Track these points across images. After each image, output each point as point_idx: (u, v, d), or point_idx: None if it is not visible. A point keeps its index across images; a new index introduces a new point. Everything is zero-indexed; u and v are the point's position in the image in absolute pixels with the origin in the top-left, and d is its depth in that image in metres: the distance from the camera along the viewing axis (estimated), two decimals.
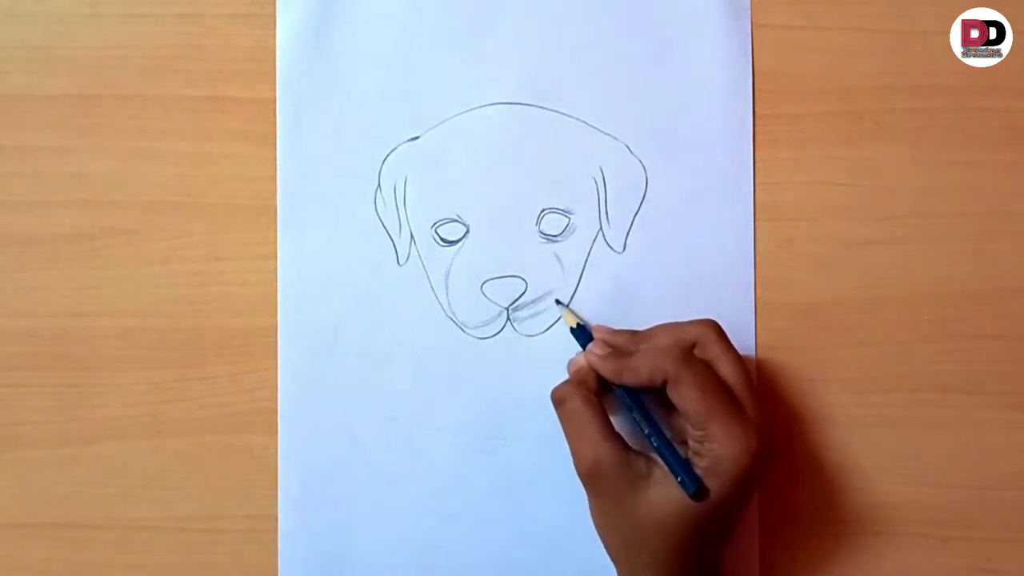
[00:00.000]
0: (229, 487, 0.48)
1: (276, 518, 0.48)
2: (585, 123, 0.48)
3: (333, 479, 0.48)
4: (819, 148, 0.49)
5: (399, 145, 0.48)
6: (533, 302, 0.48)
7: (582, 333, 0.46)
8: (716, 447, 0.40)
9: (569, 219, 0.48)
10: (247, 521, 0.48)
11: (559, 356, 0.48)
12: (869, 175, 0.49)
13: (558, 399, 0.44)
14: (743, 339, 0.48)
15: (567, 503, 0.48)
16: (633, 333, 0.45)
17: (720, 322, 0.44)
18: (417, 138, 0.48)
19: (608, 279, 0.48)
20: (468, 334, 0.48)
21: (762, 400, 0.48)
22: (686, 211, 0.48)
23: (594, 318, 0.48)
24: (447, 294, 0.48)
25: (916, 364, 0.48)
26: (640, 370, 0.42)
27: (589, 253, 0.48)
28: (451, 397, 0.48)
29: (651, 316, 0.47)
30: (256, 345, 0.48)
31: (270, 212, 0.48)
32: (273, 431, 0.48)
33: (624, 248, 0.48)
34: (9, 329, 0.48)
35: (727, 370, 0.43)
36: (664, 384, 0.42)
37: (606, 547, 0.44)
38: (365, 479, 0.48)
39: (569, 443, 0.43)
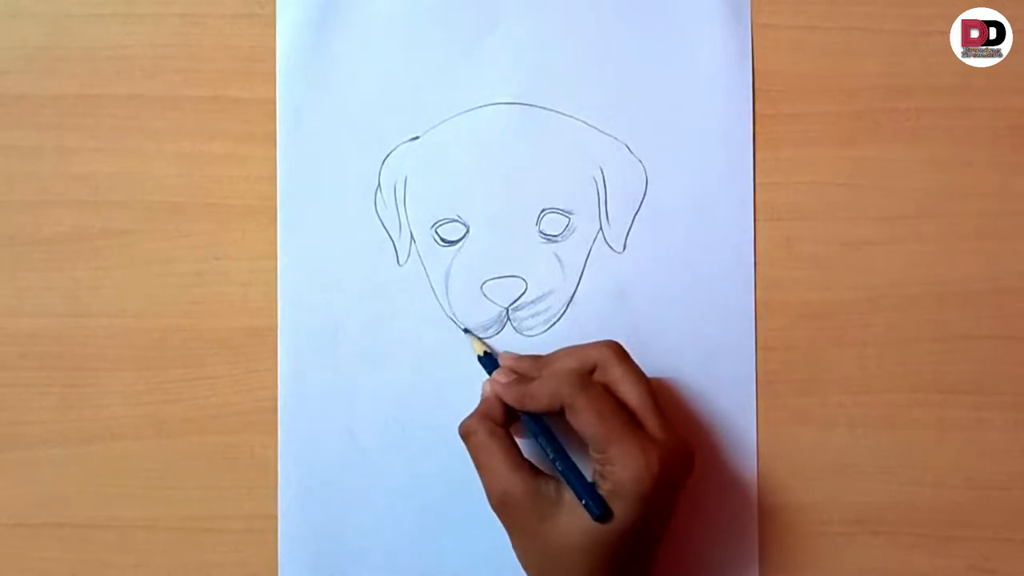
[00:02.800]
0: (229, 487, 0.48)
1: (276, 518, 0.48)
2: (585, 123, 0.48)
3: (333, 479, 0.48)
4: (819, 148, 0.49)
5: (399, 145, 0.48)
6: (533, 302, 0.48)
7: (488, 361, 0.46)
8: (616, 470, 0.40)
9: (569, 219, 0.48)
10: (247, 521, 0.48)
11: None
12: (869, 175, 0.49)
13: (464, 433, 0.44)
14: (743, 339, 0.48)
15: None
16: (536, 358, 0.45)
17: (720, 322, 0.44)
18: (417, 138, 0.48)
19: (608, 279, 0.48)
20: (468, 334, 0.48)
21: (761, 400, 0.48)
22: (686, 211, 0.48)
23: (594, 318, 0.48)
24: (447, 294, 0.48)
25: (916, 364, 0.48)
26: (539, 397, 0.42)
27: (589, 253, 0.48)
28: (451, 397, 0.48)
29: (651, 316, 0.47)
30: (256, 345, 0.48)
31: (270, 212, 0.48)
32: (273, 431, 0.48)
33: (624, 248, 0.48)
34: (9, 329, 0.48)
35: (629, 391, 0.42)
36: (563, 409, 0.42)
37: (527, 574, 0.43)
38: (365, 479, 0.48)
39: (480, 476, 0.43)
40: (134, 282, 0.48)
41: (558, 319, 0.48)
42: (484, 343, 0.47)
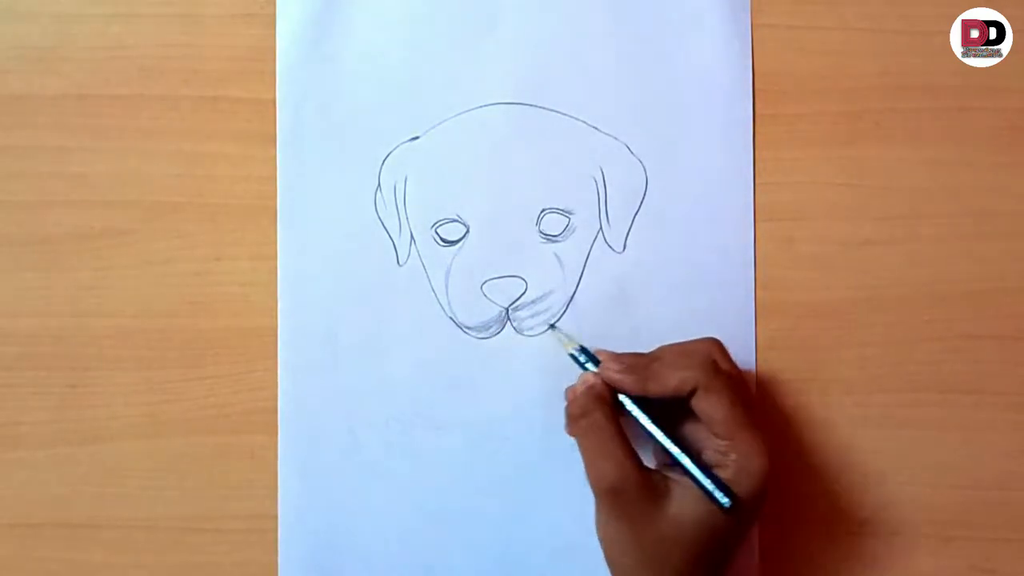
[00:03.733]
0: (229, 487, 0.48)
1: (276, 518, 0.48)
2: (585, 123, 0.48)
3: (333, 479, 0.48)
4: (819, 148, 0.49)
5: (399, 145, 0.48)
6: (533, 302, 0.48)
7: (584, 355, 0.45)
8: (740, 458, 0.40)
9: (569, 219, 0.48)
10: (247, 521, 0.48)
11: (559, 356, 0.47)
12: (869, 175, 0.49)
13: (579, 412, 0.43)
14: (743, 339, 0.48)
15: (566, 503, 0.48)
16: (637, 354, 0.44)
17: (720, 322, 0.44)
18: (417, 138, 0.48)
19: (608, 279, 0.48)
20: (468, 334, 0.48)
21: (761, 400, 0.48)
22: (686, 211, 0.48)
23: (594, 318, 0.48)
24: (447, 294, 0.48)
25: (916, 364, 0.48)
26: (667, 379, 0.42)
27: (589, 253, 0.48)
28: (451, 397, 0.48)
29: (651, 316, 0.47)
30: (256, 345, 0.48)
31: (270, 212, 0.48)
32: (273, 431, 0.48)
33: (624, 248, 0.48)
34: (9, 329, 0.48)
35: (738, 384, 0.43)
36: (690, 393, 0.41)
37: (613, 566, 0.42)
38: (365, 479, 0.48)
39: (587, 458, 0.42)
40: (134, 282, 0.48)
41: (558, 319, 0.48)
42: (572, 339, 0.46)
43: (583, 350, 0.45)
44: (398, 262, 0.48)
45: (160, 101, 0.48)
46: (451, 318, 0.48)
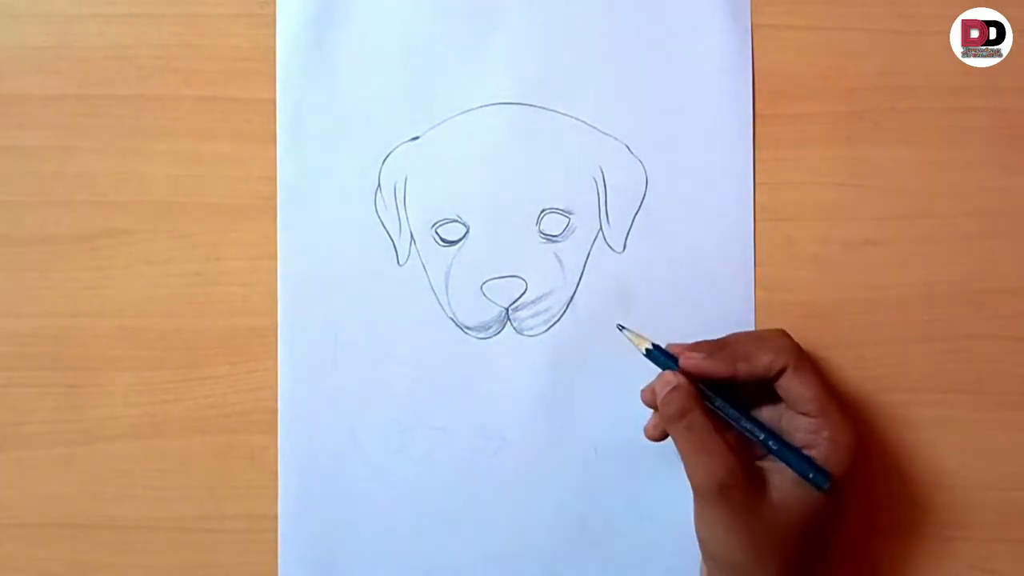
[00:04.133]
0: (229, 487, 0.48)
1: (276, 518, 0.48)
2: (585, 123, 0.48)
3: (333, 479, 0.48)
4: (819, 148, 0.49)
5: (399, 145, 0.48)
6: (533, 302, 0.48)
7: (661, 353, 0.44)
8: (832, 434, 0.41)
9: (569, 219, 0.48)
10: (247, 521, 0.48)
11: (559, 356, 0.48)
12: (869, 175, 0.49)
13: (676, 412, 0.42)
14: None
15: (567, 503, 0.48)
16: (709, 340, 0.44)
17: (720, 322, 0.44)
18: (417, 138, 0.48)
19: (608, 279, 0.48)
20: (468, 334, 0.48)
21: None
22: (686, 211, 0.48)
23: (594, 318, 0.48)
24: (447, 294, 0.48)
25: (916, 364, 0.48)
26: (758, 359, 0.42)
27: (589, 253, 0.48)
28: (451, 397, 0.48)
29: (651, 316, 0.47)
30: (256, 345, 0.48)
31: (270, 212, 0.48)
32: (273, 431, 0.48)
33: (624, 248, 0.48)
34: (9, 329, 0.48)
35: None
36: (779, 373, 0.42)
37: (722, 564, 0.42)
38: (365, 479, 0.48)
39: (692, 458, 0.42)
40: (134, 282, 0.48)
41: (558, 319, 0.48)
42: (643, 337, 0.45)
43: (657, 348, 0.44)
44: (398, 262, 0.48)
45: (160, 101, 0.48)
46: (451, 318, 0.48)
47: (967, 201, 0.49)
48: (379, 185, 0.48)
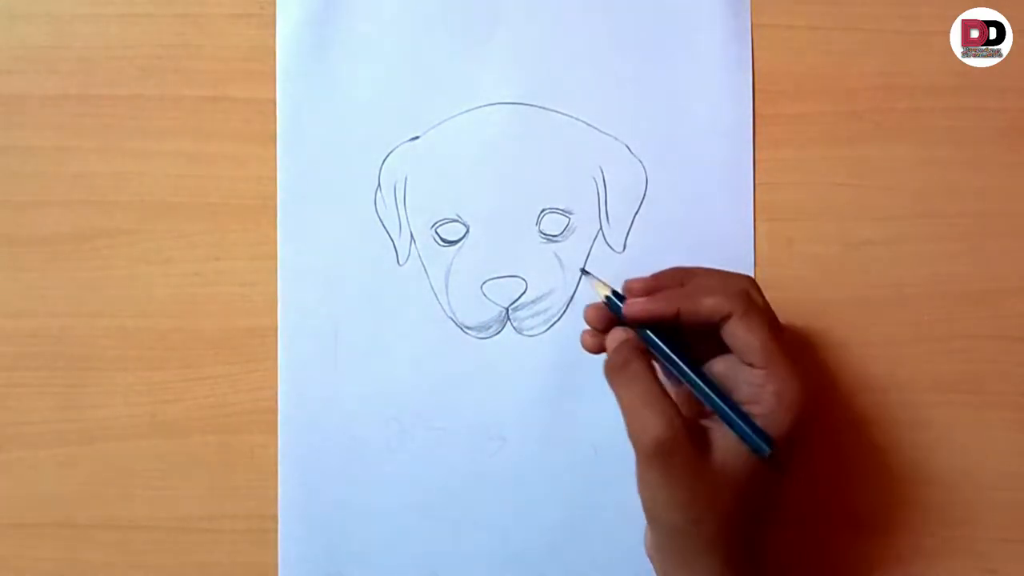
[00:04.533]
0: (229, 487, 0.48)
1: (276, 518, 0.48)
2: (585, 123, 0.48)
3: (333, 479, 0.48)
4: (819, 148, 0.49)
5: (399, 145, 0.48)
6: (533, 302, 0.48)
7: (618, 300, 0.41)
8: (777, 387, 0.38)
9: (569, 219, 0.48)
10: (247, 521, 0.48)
11: (559, 356, 0.48)
12: (869, 175, 0.49)
13: (619, 364, 0.40)
14: None
15: (567, 503, 0.48)
16: (673, 268, 0.42)
17: None
18: (417, 138, 0.48)
19: (608, 279, 0.48)
20: (468, 334, 0.48)
21: None
22: (686, 211, 0.48)
23: None
24: (447, 294, 0.48)
25: (916, 364, 0.48)
26: (700, 303, 0.39)
27: (589, 253, 0.48)
28: (451, 397, 0.48)
29: None
30: (256, 345, 0.48)
31: (270, 212, 0.48)
32: (273, 431, 0.48)
33: (624, 248, 0.48)
34: (9, 329, 0.48)
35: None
36: (724, 320, 0.39)
37: (661, 526, 0.39)
38: (365, 479, 0.48)
39: (629, 411, 0.39)
40: (134, 282, 0.48)
41: (558, 319, 0.48)
42: (604, 283, 0.42)
43: (616, 294, 0.42)
44: (398, 262, 0.48)
45: (160, 101, 0.48)
46: (451, 318, 0.48)
47: (967, 201, 0.49)
48: (379, 185, 0.48)
